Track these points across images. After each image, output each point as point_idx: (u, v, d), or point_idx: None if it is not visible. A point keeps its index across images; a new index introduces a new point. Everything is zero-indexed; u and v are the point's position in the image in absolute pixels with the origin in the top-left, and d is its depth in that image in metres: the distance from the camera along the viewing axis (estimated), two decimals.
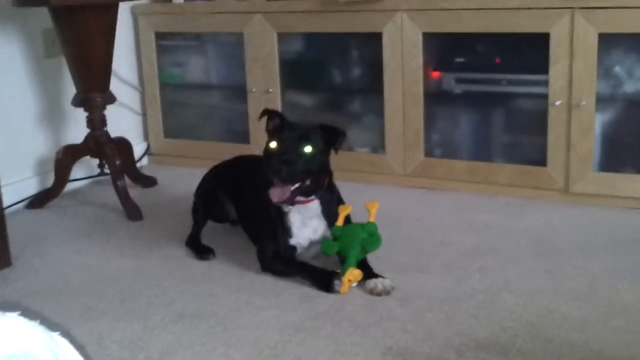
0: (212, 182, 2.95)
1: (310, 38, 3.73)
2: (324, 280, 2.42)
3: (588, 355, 1.98)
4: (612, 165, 3.12)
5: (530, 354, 2.00)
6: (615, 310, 2.22)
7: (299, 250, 2.58)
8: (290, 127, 2.52)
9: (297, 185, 2.44)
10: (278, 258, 2.56)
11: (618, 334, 2.08)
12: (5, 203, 2.90)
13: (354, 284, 2.42)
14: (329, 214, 2.57)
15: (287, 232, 2.56)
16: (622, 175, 3.07)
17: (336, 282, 2.40)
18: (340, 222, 2.54)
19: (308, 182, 2.47)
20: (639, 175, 3.06)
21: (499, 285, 2.42)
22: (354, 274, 2.40)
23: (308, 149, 2.44)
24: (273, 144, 2.46)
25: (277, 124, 2.57)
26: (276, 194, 2.43)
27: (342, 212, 2.56)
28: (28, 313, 1.16)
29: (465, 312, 2.25)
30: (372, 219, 2.51)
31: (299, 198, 2.49)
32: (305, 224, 2.56)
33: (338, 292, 2.38)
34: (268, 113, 2.62)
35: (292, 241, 2.57)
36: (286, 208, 2.53)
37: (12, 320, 1.11)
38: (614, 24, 2.95)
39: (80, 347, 2.05)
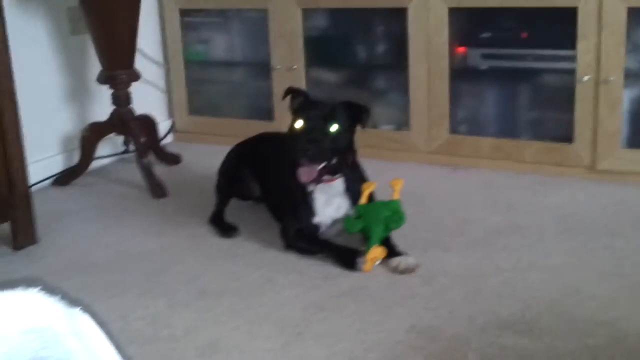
0: (236, 160, 2.94)
1: (335, 14, 3.70)
2: (347, 259, 2.42)
3: (613, 334, 1.96)
4: None
5: (554, 333, 1.98)
6: None
7: (322, 229, 2.58)
8: (315, 105, 2.51)
9: (324, 164, 2.43)
10: (301, 236, 2.56)
11: None
12: (32, 180, 2.93)
13: (378, 262, 2.41)
14: (353, 192, 2.56)
15: (310, 210, 2.55)
16: None
17: (359, 260, 2.39)
18: (363, 199, 2.53)
19: (335, 161, 2.47)
20: None
21: (524, 263, 2.41)
22: (377, 251, 2.40)
23: (334, 127, 2.43)
24: (299, 123, 2.44)
25: (301, 102, 2.56)
26: (304, 174, 2.42)
27: (366, 190, 2.55)
28: (49, 289, 1.17)
29: (489, 290, 2.24)
30: (396, 197, 2.50)
31: (324, 177, 2.48)
32: (329, 202, 2.55)
33: (361, 270, 2.38)
34: (292, 92, 2.61)
35: (316, 219, 2.56)
36: (311, 186, 2.52)
37: (33, 296, 1.12)
38: None
39: (103, 324, 2.07)
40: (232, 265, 2.51)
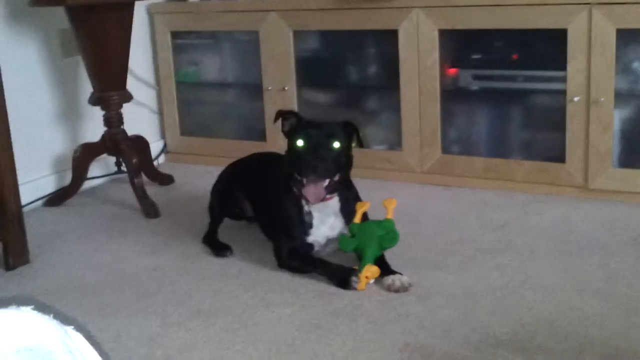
0: (229, 180, 2.94)
1: (326, 36, 3.72)
2: (341, 277, 2.42)
3: (608, 352, 1.96)
4: (631, 161, 3.09)
5: (549, 351, 1.98)
6: (634, 306, 2.20)
7: (316, 248, 2.58)
8: (312, 124, 2.52)
9: (328, 181, 2.44)
10: (295, 255, 2.56)
11: (638, 330, 2.06)
12: (24, 201, 2.91)
13: (372, 281, 2.41)
14: (347, 211, 2.57)
15: (305, 229, 2.55)
16: None
17: (353, 279, 2.39)
18: (357, 219, 2.53)
19: (336, 178, 2.48)
20: None
21: (518, 282, 2.41)
22: (371, 270, 2.40)
23: (337, 144, 2.45)
24: (300, 142, 2.45)
25: (293, 123, 2.56)
26: (312, 194, 2.42)
27: (360, 209, 2.55)
28: (42, 307, 1.16)
29: (483, 308, 2.24)
30: (389, 216, 2.51)
31: None
32: (323, 222, 2.55)
33: (355, 289, 2.38)
34: (283, 114, 2.61)
35: (310, 239, 2.56)
36: (306, 206, 2.52)
37: (26, 314, 1.11)
38: (632, 19, 2.92)
39: (97, 344, 2.06)
40: (226, 284, 2.51)
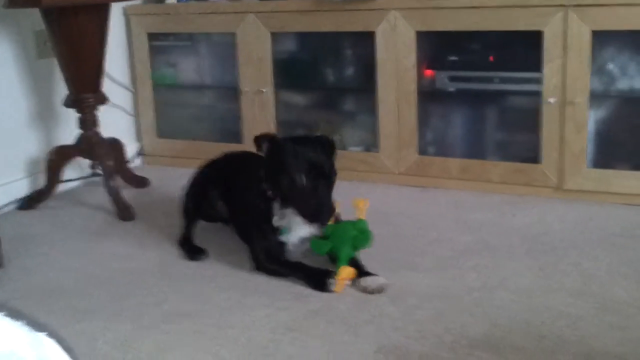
0: (202, 181, 2.93)
1: (304, 37, 3.71)
2: (318, 280, 2.41)
3: (582, 352, 1.97)
4: (605, 162, 3.11)
5: (524, 351, 1.98)
6: (609, 306, 2.21)
7: (289, 248, 2.56)
8: (301, 155, 2.41)
9: None
10: (271, 258, 2.55)
11: (612, 330, 2.07)
12: None
13: (348, 282, 2.40)
14: None
15: (277, 230, 2.54)
16: (615, 172, 3.07)
17: (330, 281, 2.38)
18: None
19: None
20: (632, 171, 3.05)
21: (493, 282, 2.41)
22: (347, 271, 2.39)
23: (334, 176, 2.44)
24: (301, 179, 2.37)
25: (269, 147, 2.49)
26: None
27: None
28: (14, 314, 1.15)
29: (458, 309, 2.24)
30: (361, 216, 2.50)
31: None
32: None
33: (332, 291, 2.37)
34: (258, 140, 2.51)
35: (283, 238, 2.55)
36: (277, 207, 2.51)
37: None
38: (607, 21, 2.94)
39: (70, 349, 2.05)
40: (201, 287, 2.49)
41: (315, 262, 2.54)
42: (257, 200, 2.50)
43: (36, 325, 1.17)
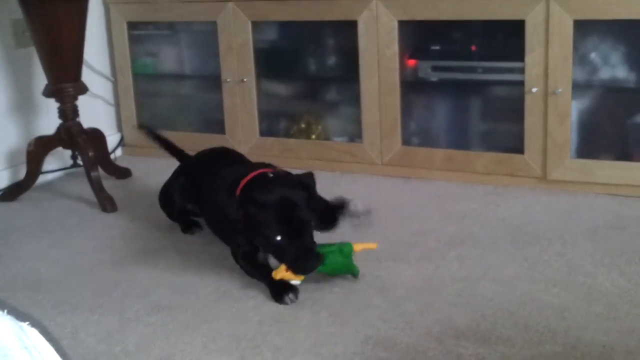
0: (179, 195, 2.89)
1: (285, 26, 3.69)
2: (278, 292, 2.31)
3: (568, 342, 1.98)
4: (589, 152, 3.11)
5: (510, 341, 1.99)
6: (594, 296, 2.22)
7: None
8: (279, 214, 2.30)
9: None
10: (246, 256, 2.48)
11: (598, 320, 2.08)
12: None
13: (297, 282, 2.34)
14: None
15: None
16: (599, 162, 3.08)
17: (290, 297, 2.28)
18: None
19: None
20: (616, 161, 3.06)
21: (478, 273, 2.41)
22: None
23: (312, 224, 2.35)
24: (278, 238, 2.28)
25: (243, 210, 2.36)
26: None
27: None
28: None
29: (444, 300, 2.24)
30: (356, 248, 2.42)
31: None
32: None
33: (287, 304, 2.27)
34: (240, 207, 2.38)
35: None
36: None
37: None
38: (589, 10, 2.94)
39: (54, 340, 2.03)
40: (186, 279, 2.48)
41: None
42: (235, 205, 2.41)
43: (19, 314, 1.15)
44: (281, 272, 2.30)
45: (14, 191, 3.39)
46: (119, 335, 2.13)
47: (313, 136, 3.65)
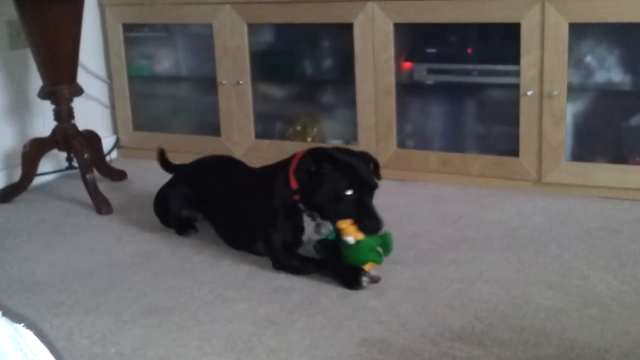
0: (176, 202, 2.90)
1: (281, 29, 3.69)
2: (352, 277, 2.35)
3: (563, 344, 1.98)
4: (584, 155, 3.12)
5: (505, 344, 1.99)
6: (589, 299, 2.22)
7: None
8: (351, 168, 2.41)
9: None
10: (296, 256, 2.51)
11: (592, 323, 2.08)
12: None
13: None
14: None
15: (300, 228, 2.52)
16: (594, 165, 3.08)
17: (364, 278, 2.34)
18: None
19: None
20: (611, 164, 3.07)
21: (473, 275, 2.42)
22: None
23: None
24: (349, 193, 2.37)
25: (322, 162, 2.42)
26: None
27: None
28: None
29: (440, 302, 2.24)
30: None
31: None
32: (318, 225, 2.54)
33: (365, 287, 2.33)
34: (312, 157, 2.44)
35: (305, 237, 2.53)
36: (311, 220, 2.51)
37: None
38: (584, 14, 2.95)
39: (49, 343, 2.02)
40: (181, 281, 2.48)
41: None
42: (273, 199, 2.50)
43: (14, 316, 1.15)
44: (347, 223, 2.34)
45: (9, 193, 3.38)
46: (114, 337, 2.12)
47: (309, 138, 3.65)
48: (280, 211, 2.50)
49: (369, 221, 2.36)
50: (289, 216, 2.50)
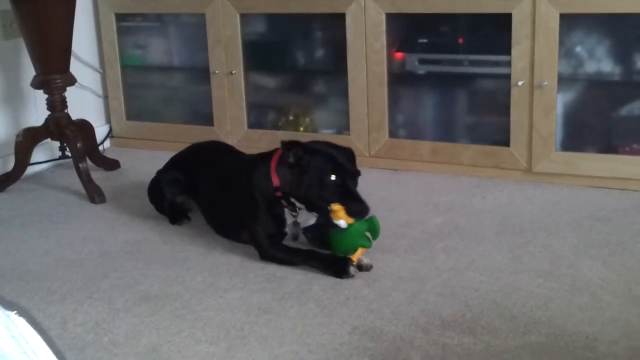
0: (170, 188, 2.90)
1: (273, 19, 3.70)
2: (339, 266, 2.38)
3: (552, 332, 2.00)
4: (574, 145, 3.14)
5: (495, 331, 2.01)
6: (578, 287, 2.24)
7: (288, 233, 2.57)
8: (335, 158, 2.44)
9: None
10: (281, 247, 2.52)
11: (581, 311, 2.10)
12: None
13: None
14: None
15: (281, 220, 2.54)
16: (584, 155, 3.10)
17: (352, 268, 2.36)
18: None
19: None
20: (600, 154, 3.09)
21: (464, 264, 2.44)
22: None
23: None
24: (333, 178, 2.39)
25: (300, 154, 2.43)
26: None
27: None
28: None
29: (430, 291, 2.26)
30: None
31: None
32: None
33: (353, 276, 2.35)
34: (288, 147, 2.45)
35: (287, 228, 2.56)
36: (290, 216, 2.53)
37: None
38: (575, 4, 2.96)
39: (42, 331, 2.04)
40: (174, 270, 2.49)
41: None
42: (264, 204, 2.51)
43: (6, 304, 1.16)
44: (339, 206, 2.36)
45: (2, 182, 3.39)
46: (107, 325, 2.14)
47: (301, 128, 3.66)
48: (262, 205, 2.51)
49: (355, 205, 2.38)
50: (270, 209, 2.51)
